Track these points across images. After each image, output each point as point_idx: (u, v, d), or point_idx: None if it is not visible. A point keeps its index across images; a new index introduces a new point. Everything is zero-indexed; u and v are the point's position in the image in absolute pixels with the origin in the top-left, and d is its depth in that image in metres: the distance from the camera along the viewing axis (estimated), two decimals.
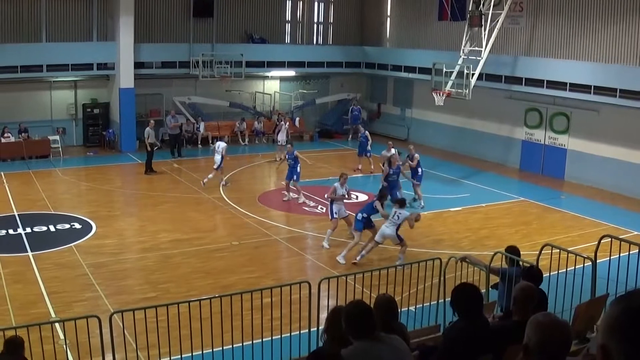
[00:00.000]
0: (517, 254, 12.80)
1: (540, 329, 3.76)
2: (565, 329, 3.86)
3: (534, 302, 7.36)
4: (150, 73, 35.73)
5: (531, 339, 3.76)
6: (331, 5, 43.08)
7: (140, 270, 18.52)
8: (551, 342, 3.74)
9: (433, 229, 22.85)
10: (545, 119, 31.87)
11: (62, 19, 34.14)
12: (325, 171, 31.50)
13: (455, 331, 6.92)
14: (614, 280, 11.72)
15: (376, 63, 40.83)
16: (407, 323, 10.51)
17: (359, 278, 12.38)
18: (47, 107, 34.79)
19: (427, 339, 9.47)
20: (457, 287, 7.04)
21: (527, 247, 18.23)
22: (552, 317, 3.88)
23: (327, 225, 21.36)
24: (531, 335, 3.77)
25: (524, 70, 31.02)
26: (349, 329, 6.08)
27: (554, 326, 3.79)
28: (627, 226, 22.72)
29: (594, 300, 10.98)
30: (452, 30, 35.20)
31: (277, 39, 41.04)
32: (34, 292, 16.25)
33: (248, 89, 40.21)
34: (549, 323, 3.79)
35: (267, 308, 11.87)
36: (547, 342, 3.75)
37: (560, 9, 30.51)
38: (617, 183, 27.81)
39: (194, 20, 37.55)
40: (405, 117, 40.46)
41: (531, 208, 25.53)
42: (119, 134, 34.96)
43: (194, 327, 10.72)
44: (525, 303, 7.25)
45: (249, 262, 19.18)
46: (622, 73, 27.06)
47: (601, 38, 28.83)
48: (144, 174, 30.04)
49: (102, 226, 22.04)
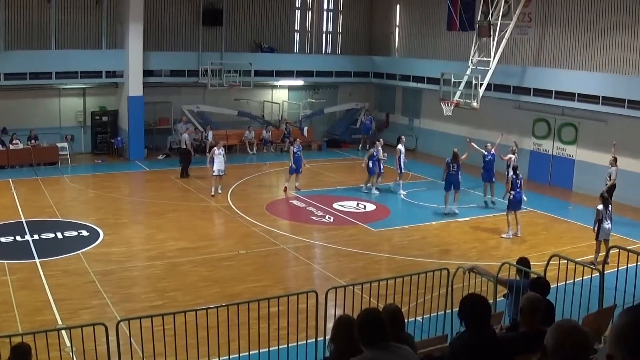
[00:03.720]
0: (528, 266, 12.78)
1: (558, 332, 3.78)
2: (583, 336, 3.87)
3: (540, 313, 7.34)
4: (159, 81, 35.81)
5: (549, 341, 3.79)
6: (340, 15, 43.14)
7: (148, 278, 18.52)
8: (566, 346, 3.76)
9: (441, 239, 22.83)
10: (554, 129, 31.82)
11: (71, 26, 34.25)
12: (333, 180, 31.51)
13: (462, 342, 6.90)
14: (621, 291, 11.69)
15: (385, 73, 40.87)
16: (414, 333, 10.48)
17: (366, 288, 12.35)
18: (56, 115, 34.87)
19: (434, 349, 9.44)
20: (465, 298, 7.02)
21: (535, 258, 18.19)
22: (573, 323, 3.91)
23: (335, 235, 21.41)
24: (549, 338, 3.79)
25: (532, 80, 31.01)
26: (361, 336, 6.08)
27: (572, 331, 3.80)
28: (635, 237, 22.66)
29: (601, 311, 10.96)
30: (461, 41, 35.19)
31: (286, 48, 41.12)
32: (40, 299, 16.26)
33: (256, 98, 40.24)
34: (568, 328, 3.81)
35: (274, 317, 11.87)
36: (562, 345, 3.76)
37: (568, 19, 30.50)
38: (625, 194, 27.68)
39: (204, 28, 37.63)
40: (414, 127, 40.42)
41: (539, 218, 25.47)
42: (128, 141, 35.01)
43: (200, 336, 10.71)
44: (531, 314, 7.23)
45: (256, 271, 19.17)
46: (630, 84, 27.04)
47: (609, 48, 28.81)
48: (180, 177, 30.84)
49: (109, 234, 22.06)
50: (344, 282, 15.63)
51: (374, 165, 28.65)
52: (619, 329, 2.61)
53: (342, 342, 6.97)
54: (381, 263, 20.48)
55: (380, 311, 6.51)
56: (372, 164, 28.60)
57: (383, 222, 24.81)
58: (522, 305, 7.45)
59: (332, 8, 42.88)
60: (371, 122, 40.67)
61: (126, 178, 32.20)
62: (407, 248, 21.68)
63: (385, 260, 20.71)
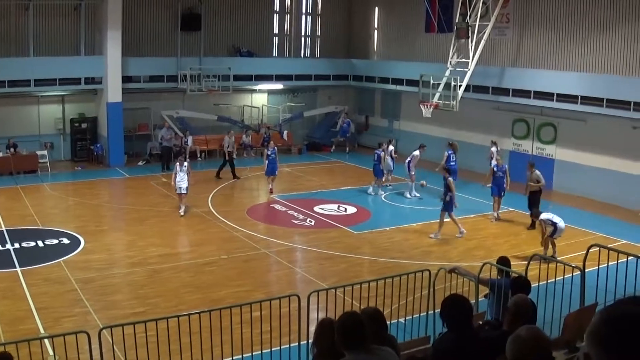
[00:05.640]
0: (508, 264, 12.85)
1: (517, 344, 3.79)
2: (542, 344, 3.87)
3: (527, 316, 7.41)
4: (138, 87, 35.69)
5: (508, 352, 3.80)
6: (318, 19, 43.16)
7: (129, 285, 18.46)
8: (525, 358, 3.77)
9: (422, 241, 22.89)
10: (533, 129, 31.97)
11: (49, 33, 34.06)
12: (314, 184, 31.52)
13: (445, 343, 6.93)
14: (602, 289, 11.77)
15: (364, 75, 40.93)
16: (397, 335, 10.51)
17: (349, 290, 12.38)
18: (35, 122, 34.66)
19: (416, 351, 9.46)
20: (446, 299, 7.06)
21: (516, 258, 18.29)
22: (532, 333, 3.89)
23: (316, 238, 21.43)
24: (508, 349, 3.80)
25: (511, 81, 31.15)
26: (342, 340, 6.06)
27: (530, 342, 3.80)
28: (616, 235, 22.78)
29: (583, 309, 11.01)
30: (439, 42, 35.31)
31: (265, 52, 41.08)
32: (22, 308, 16.17)
33: (236, 103, 40.19)
34: (527, 339, 3.81)
35: (257, 322, 11.86)
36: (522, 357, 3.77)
37: (546, 20, 30.65)
38: (605, 192, 27.89)
39: (182, 34, 37.52)
40: (393, 129, 40.49)
41: (520, 218, 25.55)
42: (107, 148, 34.85)
43: (183, 342, 10.70)
44: (517, 316, 7.30)
45: (238, 276, 19.15)
46: (608, 83, 27.21)
47: (587, 48, 28.97)
48: (215, 177, 31.93)
49: (90, 241, 21.96)
50: (326, 286, 15.64)
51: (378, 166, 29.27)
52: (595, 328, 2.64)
53: (325, 345, 6.98)
54: (363, 265, 20.53)
55: (359, 314, 6.50)
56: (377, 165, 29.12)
57: (364, 225, 24.86)
58: (509, 306, 7.53)
59: (311, 11, 42.88)
60: (349, 125, 40.72)
61: (106, 185, 32.07)
62: (389, 250, 21.71)
63: (367, 262, 20.76)
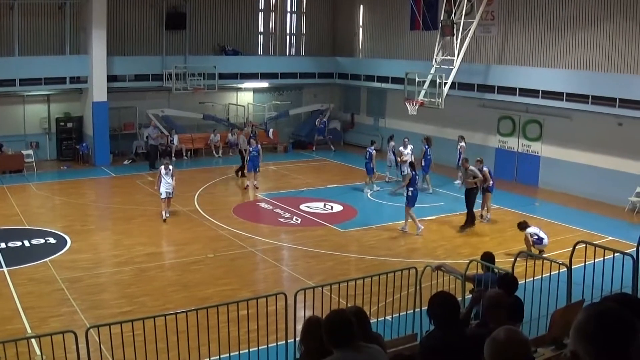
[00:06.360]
0: (492, 260, 12.90)
1: (493, 346, 3.77)
2: (520, 347, 3.85)
3: (504, 308, 7.44)
4: (124, 86, 35.58)
5: (485, 355, 3.78)
6: (303, 17, 43.15)
7: (116, 284, 18.42)
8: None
9: (408, 238, 22.93)
10: (518, 126, 32.05)
11: (34, 32, 33.88)
12: (300, 182, 31.51)
13: (432, 340, 6.93)
14: (589, 286, 11.81)
15: (349, 73, 40.95)
16: (384, 332, 10.55)
17: (335, 288, 12.38)
18: (20, 122, 34.49)
19: (403, 349, 9.47)
20: (433, 296, 7.08)
21: (503, 255, 18.34)
22: (510, 334, 3.86)
23: (302, 236, 21.46)
24: (485, 352, 3.78)
25: (497, 78, 31.23)
26: (329, 338, 6.06)
27: (507, 344, 3.78)
28: (602, 232, 22.90)
29: (570, 306, 11.06)
30: (425, 40, 35.36)
31: (250, 50, 41.04)
32: (9, 308, 16.11)
33: (221, 101, 40.11)
34: (504, 341, 3.79)
35: (244, 320, 11.86)
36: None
37: (531, 17, 30.71)
38: (591, 189, 28.00)
39: (167, 32, 37.39)
40: (379, 127, 40.47)
41: (506, 215, 25.63)
42: (93, 147, 34.74)
43: (170, 341, 10.68)
44: (494, 310, 7.34)
45: (224, 275, 19.15)
46: (593, 80, 27.30)
47: (572, 45, 29.05)
48: (235, 174, 32.46)
49: (76, 240, 21.90)
50: (313, 284, 15.64)
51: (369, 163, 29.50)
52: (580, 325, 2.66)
53: (312, 344, 6.98)
54: (350, 263, 20.55)
55: (346, 311, 6.51)
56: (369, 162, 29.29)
57: (350, 223, 24.87)
58: (484, 304, 7.56)
59: (296, 10, 42.84)
60: (325, 126, 40.91)
61: (92, 184, 31.95)
62: (375, 248, 21.75)
63: (353, 260, 20.79)
